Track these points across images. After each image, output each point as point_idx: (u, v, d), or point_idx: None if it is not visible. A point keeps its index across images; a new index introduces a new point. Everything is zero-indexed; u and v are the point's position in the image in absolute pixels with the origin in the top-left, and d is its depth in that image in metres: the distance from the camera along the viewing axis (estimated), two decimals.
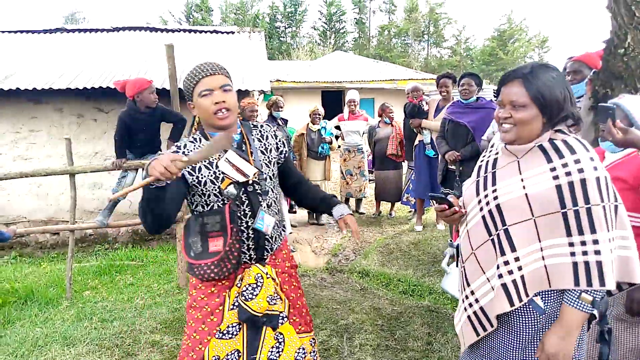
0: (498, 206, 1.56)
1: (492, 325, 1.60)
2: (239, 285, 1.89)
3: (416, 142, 6.05)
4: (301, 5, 41.60)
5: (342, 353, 3.15)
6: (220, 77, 1.84)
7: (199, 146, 1.87)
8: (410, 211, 7.09)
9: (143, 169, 1.59)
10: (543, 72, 1.51)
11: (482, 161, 1.75)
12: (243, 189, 1.88)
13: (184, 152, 1.84)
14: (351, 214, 2.10)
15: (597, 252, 1.43)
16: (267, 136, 2.04)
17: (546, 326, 1.55)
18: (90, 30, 8.72)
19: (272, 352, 1.87)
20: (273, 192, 1.99)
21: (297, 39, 42.03)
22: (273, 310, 1.89)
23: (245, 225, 1.90)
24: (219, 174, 1.85)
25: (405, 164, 6.91)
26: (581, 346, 1.58)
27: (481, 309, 1.63)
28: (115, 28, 8.87)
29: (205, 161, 1.85)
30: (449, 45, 42.10)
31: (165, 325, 3.61)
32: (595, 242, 1.43)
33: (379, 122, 6.99)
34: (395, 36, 41.79)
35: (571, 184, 1.45)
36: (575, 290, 1.47)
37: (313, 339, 2.11)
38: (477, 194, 1.66)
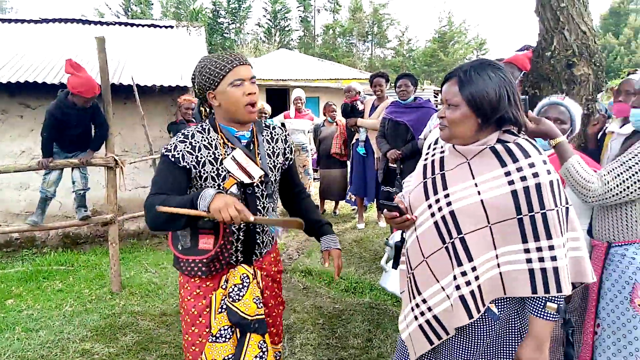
0: (452, 212, 1.49)
1: (447, 334, 1.56)
2: (224, 287, 1.82)
3: (353, 141, 6.13)
4: (245, 2, 41.03)
5: (284, 353, 3.11)
6: (250, 69, 1.76)
7: (207, 137, 1.78)
8: (353, 209, 7.16)
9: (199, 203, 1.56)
10: (480, 71, 1.45)
11: (426, 160, 1.67)
12: (243, 190, 1.80)
13: (191, 143, 1.75)
14: (339, 250, 1.99)
15: (554, 258, 1.42)
16: (277, 139, 1.96)
17: (500, 332, 1.55)
18: (17, 21, 8.17)
19: None
20: (272, 196, 1.92)
21: (241, 36, 41.45)
22: (260, 315, 1.82)
23: (237, 227, 1.82)
24: (222, 172, 1.77)
25: (349, 163, 6.98)
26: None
27: (435, 317, 1.57)
28: (45, 19, 8.35)
29: (210, 156, 1.76)
30: (392, 46, 42.96)
31: (97, 333, 3.42)
32: (551, 247, 1.42)
33: (324, 121, 7.01)
34: (340, 35, 42.11)
35: (527, 189, 1.41)
36: (538, 300, 1.46)
37: (279, 352, 2.04)
38: (427, 197, 1.58)
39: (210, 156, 1.77)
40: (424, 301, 1.60)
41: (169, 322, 3.61)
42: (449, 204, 1.50)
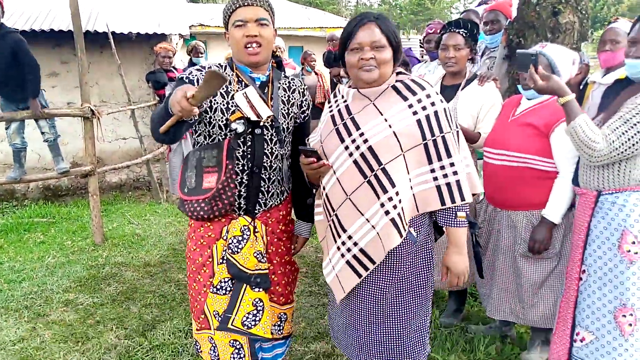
0: (370, 148, 1.62)
1: (373, 263, 1.68)
2: (225, 237, 1.81)
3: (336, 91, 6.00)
4: None
5: None
6: (258, 10, 1.72)
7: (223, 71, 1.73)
8: None
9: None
10: (385, 17, 1.67)
11: (331, 111, 1.79)
12: (250, 129, 1.77)
13: (188, 78, 1.72)
14: (306, 238, 2.05)
15: (455, 173, 1.64)
16: (294, 90, 1.93)
17: (419, 253, 1.73)
18: None
19: (247, 317, 1.78)
20: (283, 144, 1.87)
21: None
22: (262, 269, 1.81)
23: (241, 168, 1.78)
24: (232, 106, 1.74)
25: None
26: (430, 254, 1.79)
27: (361, 250, 1.68)
28: None
29: (222, 89, 1.74)
30: None
31: (80, 284, 3.44)
32: (452, 164, 1.64)
33: (302, 69, 6.85)
34: None
35: (427, 117, 1.62)
36: (449, 212, 1.67)
37: (285, 313, 2.01)
38: (342, 140, 1.68)
39: (223, 89, 1.75)
40: (350, 237, 1.70)
41: (152, 273, 3.64)
42: (365, 141, 1.63)
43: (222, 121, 1.75)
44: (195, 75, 1.73)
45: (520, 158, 2.21)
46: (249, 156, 1.79)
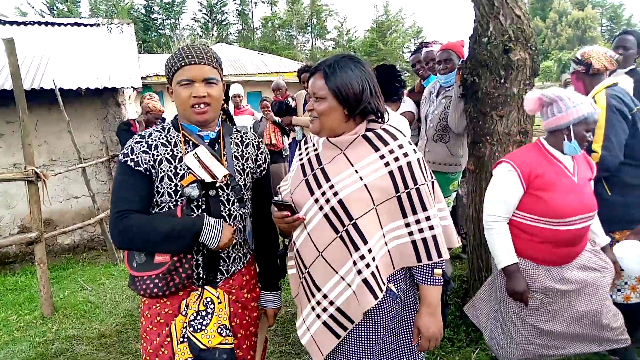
0: (340, 201, 1.52)
1: (352, 322, 1.57)
2: (184, 313, 1.61)
3: (290, 140, 5.84)
4: None
5: None
6: (204, 68, 1.59)
7: (165, 136, 1.65)
8: None
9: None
10: (343, 64, 1.54)
11: (301, 160, 1.71)
12: (204, 192, 1.61)
13: (147, 142, 1.61)
14: (276, 309, 1.89)
15: (431, 228, 1.54)
16: (248, 143, 1.79)
17: (400, 310, 1.63)
18: None
19: None
20: (242, 204, 1.72)
21: (177, 31, 40.13)
22: (226, 344, 1.62)
23: None
24: (181, 170, 1.59)
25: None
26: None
27: (338, 309, 1.57)
28: None
29: (167, 154, 1.61)
30: (332, 37, 42.99)
31: None
32: (428, 218, 1.54)
33: (262, 117, 6.77)
34: (279, 28, 41.66)
35: (400, 169, 1.52)
36: (425, 268, 1.57)
37: None
38: (312, 192, 1.59)
39: (168, 153, 1.61)
40: (325, 296, 1.59)
41: (108, 344, 3.34)
42: (335, 194, 1.53)
43: (171, 188, 1.60)
44: (138, 153, 1.59)
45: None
46: None
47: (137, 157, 1.59)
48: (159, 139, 1.63)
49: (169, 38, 37.11)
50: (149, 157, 1.59)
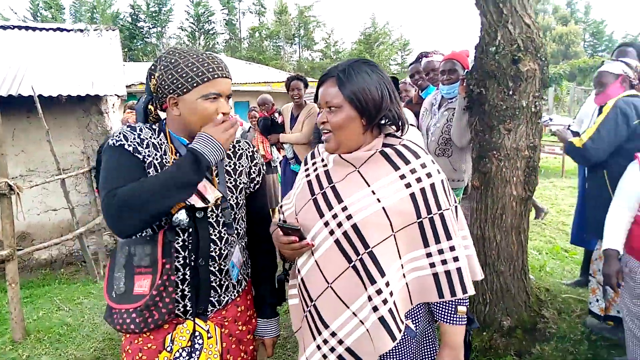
0: (355, 226, 1.32)
1: None
2: (169, 349, 1.40)
3: (280, 158, 5.63)
4: (166, 5, 39.48)
5: None
6: (230, 83, 1.43)
7: (156, 138, 1.44)
8: None
9: None
10: (358, 68, 1.36)
11: (308, 176, 1.52)
12: (192, 215, 1.40)
13: (139, 135, 1.41)
14: (274, 338, 1.67)
15: (456, 259, 1.35)
16: (241, 154, 1.58)
17: (417, 348, 1.45)
18: None
19: None
20: (235, 225, 1.51)
21: (163, 40, 39.84)
22: None
23: (182, 262, 1.40)
24: None
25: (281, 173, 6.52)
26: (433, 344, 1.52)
27: (348, 349, 1.37)
28: None
29: (157, 159, 1.41)
30: (320, 48, 43.10)
31: None
32: (452, 248, 1.35)
33: (250, 127, 6.57)
34: (266, 38, 41.68)
35: (423, 191, 1.34)
36: (448, 305, 1.39)
37: None
38: (321, 214, 1.38)
39: (158, 159, 1.40)
40: (333, 334, 1.38)
41: None
42: (349, 217, 1.33)
43: None
44: (134, 141, 1.39)
45: None
46: (190, 247, 1.42)
47: (134, 143, 1.38)
48: (151, 137, 1.42)
49: (155, 47, 36.84)
50: (141, 151, 1.39)
